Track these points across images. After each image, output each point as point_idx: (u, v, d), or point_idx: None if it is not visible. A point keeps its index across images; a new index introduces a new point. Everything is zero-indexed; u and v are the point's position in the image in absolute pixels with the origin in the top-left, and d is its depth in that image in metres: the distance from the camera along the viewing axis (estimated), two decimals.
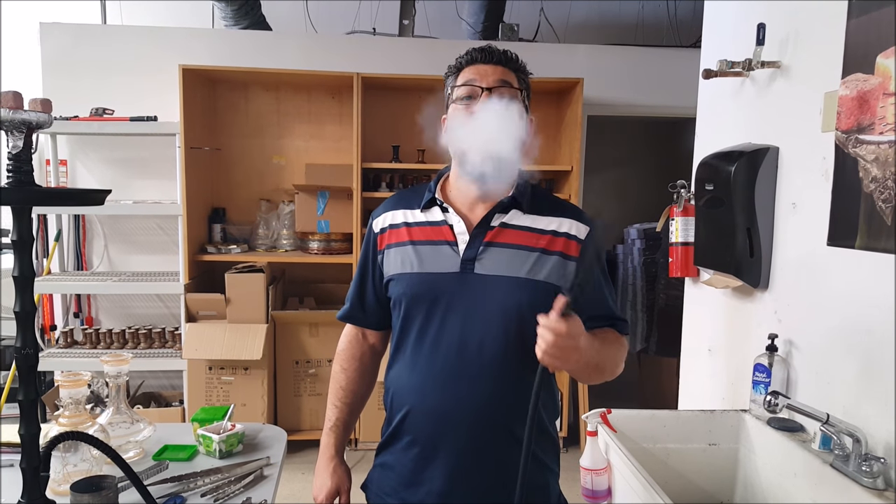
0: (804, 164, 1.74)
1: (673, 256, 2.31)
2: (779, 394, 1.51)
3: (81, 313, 4.20)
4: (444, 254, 1.35)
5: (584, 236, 1.36)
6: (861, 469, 1.39)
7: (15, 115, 0.91)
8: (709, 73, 2.01)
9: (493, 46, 1.41)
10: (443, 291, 1.34)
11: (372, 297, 1.48)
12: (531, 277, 1.31)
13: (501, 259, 1.32)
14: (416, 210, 1.42)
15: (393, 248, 1.42)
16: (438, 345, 1.34)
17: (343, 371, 1.54)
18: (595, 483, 1.73)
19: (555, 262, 1.33)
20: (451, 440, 1.33)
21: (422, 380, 1.36)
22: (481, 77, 1.35)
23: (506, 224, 1.36)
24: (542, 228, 1.36)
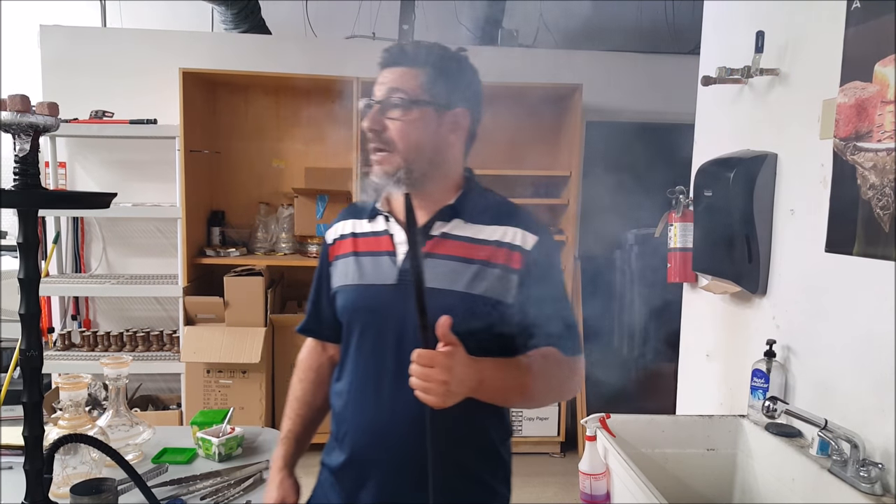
0: (802, 171, 1.75)
1: (671, 262, 2.32)
2: (777, 399, 1.52)
3: (79, 316, 4.20)
4: (384, 265, 1.29)
5: (530, 246, 1.26)
6: (859, 474, 1.39)
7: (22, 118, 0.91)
8: (708, 80, 2.02)
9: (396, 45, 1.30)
10: (380, 304, 1.28)
11: (327, 309, 1.42)
12: (468, 291, 1.22)
13: (439, 271, 1.23)
14: (364, 220, 1.37)
15: (340, 259, 1.37)
16: (374, 361, 1.28)
17: (299, 382, 1.49)
18: (594, 488, 1.74)
19: (496, 275, 1.24)
20: (385, 462, 1.26)
21: (359, 397, 1.30)
22: (377, 86, 1.27)
23: (446, 234, 1.28)
24: (485, 239, 1.26)
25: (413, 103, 1.24)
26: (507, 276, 1.24)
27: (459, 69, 1.31)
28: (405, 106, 1.24)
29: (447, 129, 1.28)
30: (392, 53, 1.28)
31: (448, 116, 1.28)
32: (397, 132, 1.24)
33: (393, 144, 1.25)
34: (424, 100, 1.25)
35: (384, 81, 1.27)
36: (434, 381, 1.06)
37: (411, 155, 1.25)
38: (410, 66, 1.26)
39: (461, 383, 1.09)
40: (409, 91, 1.25)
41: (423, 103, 1.25)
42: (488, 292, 1.23)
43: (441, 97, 1.26)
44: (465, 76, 1.32)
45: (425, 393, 1.07)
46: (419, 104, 1.24)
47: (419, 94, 1.25)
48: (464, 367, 1.09)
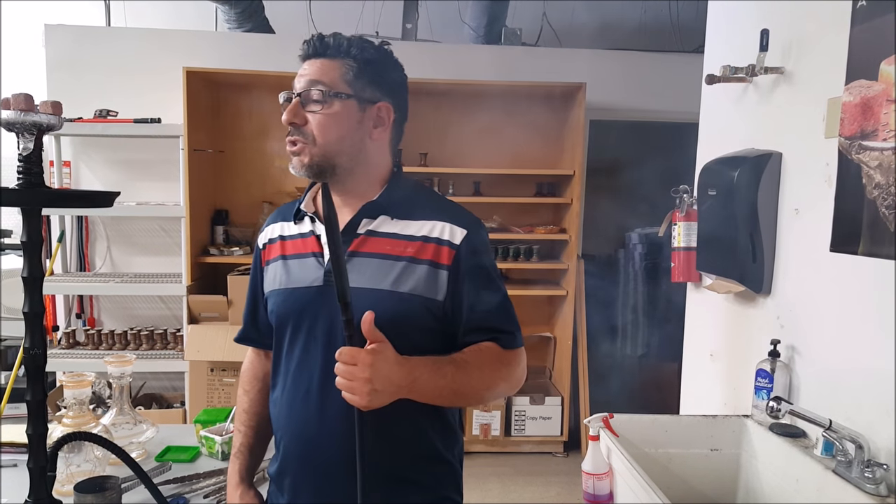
0: (807, 170, 1.74)
1: (675, 261, 2.31)
2: (781, 399, 1.51)
3: (84, 314, 4.21)
4: (310, 266, 1.26)
5: (459, 241, 1.22)
6: (863, 475, 1.39)
7: (26, 117, 0.92)
8: (712, 79, 2.02)
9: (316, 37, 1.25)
10: (306, 307, 1.24)
11: (264, 316, 1.38)
12: (395, 290, 1.19)
13: (365, 270, 1.20)
14: (291, 222, 1.34)
15: (270, 263, 1.34)
16: (304, 366, 1.24)
17: (245, 393, 1.46)
18: (597, 488, 1.73)
19: (423, 271, 1.20)
20: (319, 468, 1.23)
21: (289, 405, 1.26)
22: (298, 78, 1.24)
23: (372, 231, 1.24)
24: (412, 234, 1.23)
25: (334, 96, 1.21)
26: (436, 272, 1.21)
27: (383, 63, 1.27)
28: (325, 100, 1.21)
29: (370, 123, 1.24)
30: (313, 45, 1.24)
31: (371, 111, 1.24)
32: (317, 126, 1.21)
33: (312, 138, 1.21)
34: (346, 93, 1.22)
35: (304, 74, 1.23)
36: (357, 379, 1.03)
37: (332, 149, 1.22)
38: (332, 58, 1.23)
39: (388, 382, 1.06)
40: (330, 84, 1.21)
41: (345, 96, 1.21)
42: (417, 290, 1.19)
43: (363, 91, 1.23)
44: (389, 70, 1.28)
45: (350, 392, 1.04)
46: (340, 97, 1.21)
47: (340, 87, 1.22)
48: (391, 365, 1.06)
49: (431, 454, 1.28)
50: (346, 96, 1.21)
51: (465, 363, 1.18)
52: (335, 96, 1.21)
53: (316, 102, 1.21)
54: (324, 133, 1.21)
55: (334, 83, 1.21)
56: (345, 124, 1.22)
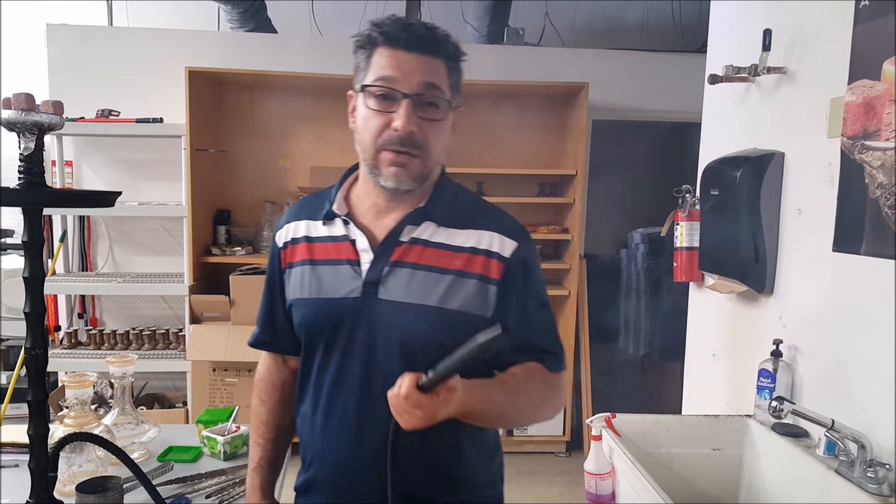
0: (810, 169, 1.74)
1: (677, 261, 2.31)
2: (783, 399, 1.51)
3: (86, 314, 4.21)
4: (344, 275, 1.15)
5: (509, 253, 1.13)
6: (866, 475, 1.38)
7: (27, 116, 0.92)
8: (714, 79, 2.01)
9: (416, 24, 1.11)
10: (343, 320, 1.14)
11: (283, 319, 1.27)
12: (442, 306, 1.10)
13: (409, 283, 1.11)
14: (319, 222, 1.22)
15: (295, 267, 1.22)
16: (340, 383, 1.16)
17: (263, 404, 1.36)
18: (599, 487, 1.73)
19: (473, 287, 1.12)
20: (356, 497, 1.16)
21: (323, 426, 1.18)
22: (402, 75, 1.08)
23: (417, 240, 1.15)
24: (459, 245, 1.14)
25: (448, 103, 1.12)
26: (486, 288, 1.13)
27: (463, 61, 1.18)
28: (443, 107, 1.11)
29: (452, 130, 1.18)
30: (421, 35, 1.09)
31: (455, 116, 1.18)
32: (434, 136, 1.11)
33: (426, 149, 1.11)
34: (451, 99, 1.13)
35: (412, 69, 1.08)
36: (414, 417, 0.96)
37: (436, 160, 1.15)
38: (437, 55, 1.11)
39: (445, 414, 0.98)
40: (444, 88, 1.11)
41: (451, 103, 1.13)
42: (466, 306, 1.11)
43: (455, 95, 1.15)
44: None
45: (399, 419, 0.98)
46: (451, 104, 1.13)
47: (449, 93, 1.12)
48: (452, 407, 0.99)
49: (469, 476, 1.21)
50: (450, 103, 1.13)
51: (516, 389, 1.12)
52: (448, 103, 1.12)
53: (434, 109, 1.10)
54: (438, 144, 1.13)
55: (446, 87, 1.12)
56: (448, 134, 1.15)
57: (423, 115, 1.09)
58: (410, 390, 0.94)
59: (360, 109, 1.14)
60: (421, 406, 0.94)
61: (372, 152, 1.12)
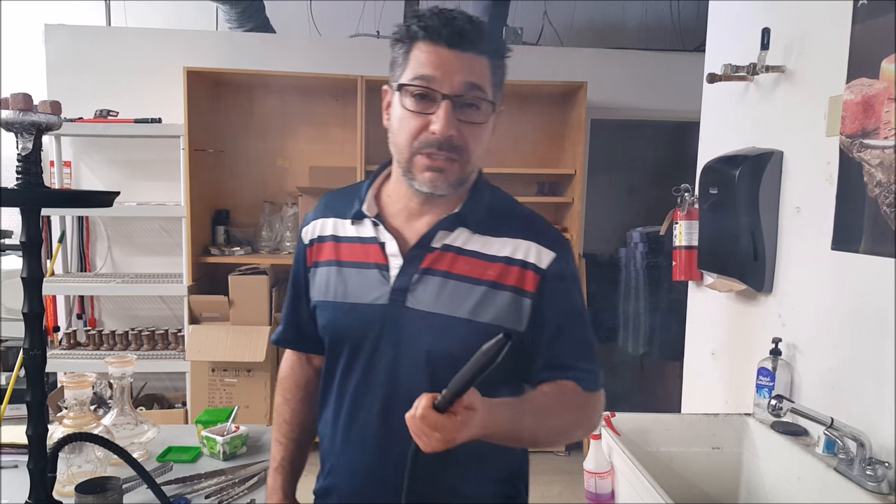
0: (808, 168, 1.74)
1: (676, 260, 2.31)
2: (783, 397, 1.51)
3: (84, 315, 4.21)
4: (372, 280, 1.10)
5: (546, 265, 1.07)
6: (865, 473, 1.39)
7: (25, 116, 0.91)
8: (713, 78, 2.02)
9: (460, 18, 1.02)
10: (368, 327, 1.09)
11: (307, 318, 1.23)
12: (472, 319, 1.05)
13: (439, 292, 1.06)
14: (347, 221, 1.16)
15: (320, 266, 1.17)
16: (363, 392, 1.11)
17: (286, 402, 1.32)
18: (598, 486, 1.73)
19: (506, 299, 1.06)
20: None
21: (345, 433, 1.14)
22: (442, 74, 1.00)
23: (449, 247, 1.09)
24: (494, 255, 1.08)
25: (490, 104, 1.05)
26: (520, 301, 1.07)
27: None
28: (485, 109, 1.04)
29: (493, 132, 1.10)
30: (464, 31, 1.01)
31: (496, 118, 1.10)
32: (474, 140, 1.04)
33: (465, 154, 1.04)
34: (495, 100, 1.06)
35: (453, 68, 1.00)
36: (434, 439, 0.91)
37: (475, 165, 1.08)
38: (478, 52, 1.02)
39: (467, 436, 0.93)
40: (486, 88, 1.03)
41: (493, 106, 1.06)
42: (498, 320, 1.05)
43: (497, 95, 1.07)
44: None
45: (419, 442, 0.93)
46: (493, 106, 1.06)
47: (491, 94, 1.05)
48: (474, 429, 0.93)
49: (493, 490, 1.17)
50: (493, 104, 1.06)
51: (545, 409, 1.05)
52: (491, 105, 1.05)
53: (475, 111, 1.04)
54: (478, 148, 1.06)
55: (488, 87, 1.04)
56: (489, 136, 1.08)
57: (463, 118, 1.03)
58: (426, 411, 0.90)
59: (395, 108, 1.07)
60: (439, 428, 0.89)
61: (407, 155, 1.06)
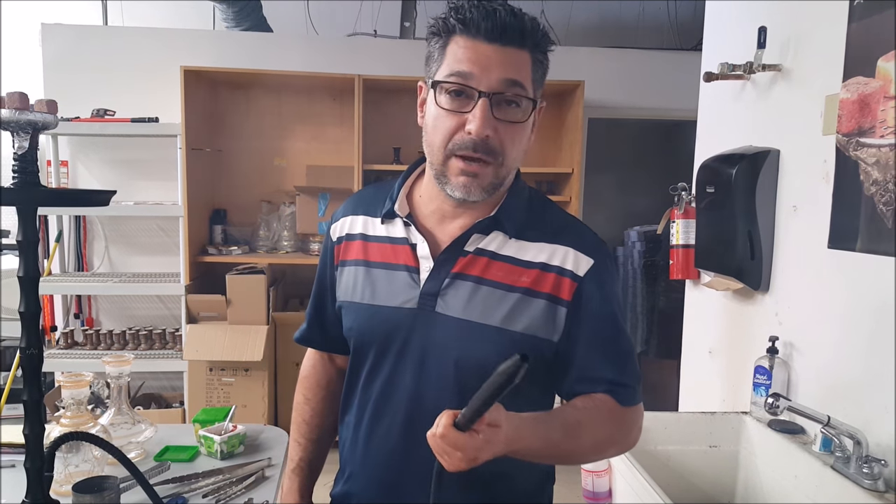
0: (805, 167, 1.74)
1: (673, 259, 2.31)
2: (780, 396, 1.51)
3: (82, 314, 4.20)
4: (401, 283, 1.06)
5: (583, 272, 1.02)
6: (862, 471, 1.39)
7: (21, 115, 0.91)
8: (710, 76, 2.02)
9: (500, 10, 0.95)
10: (396, 331, 1.06)
11: (332, 318, 1.20)
12: (505, 327, 1.00)
13: (471, 298, 1.02)
14: (378, 220, 1.12)
15: (348, 265, 1.13)
16: (388, 399, 1.07)
17: (307, 402, 1.29)
18: (596, 485, 1.74)
19: (541, 307, 1.01)
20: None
21: (366, 439, 1.11)
22: (480, 70, 0.95)
23: (483, 251, 1.04)
24: (530, 260, 1.03)
25: (531, 102, 0.99)
26: (555, 309, 1.02)
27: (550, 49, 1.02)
28: (525, 106, 0.98)
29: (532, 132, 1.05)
30: (505, 23, 0.95)
31: (536, 114, 1.03)
32: (510, 140, 0.99)
33: (500, 156, 0.99)
34: (534, 97, 1.00)
35: (492, 63, 0.95)
36: (455, 458, 0.86)
37: (511, 167, 1.02)
38: (523, 47, 0.97)
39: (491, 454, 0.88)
40: (527, 85, 0.98)
41: (533, 102, 1.00)
42: (531, 329, 1.01)
43: (537, 91, 1.01)
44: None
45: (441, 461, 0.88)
46: (534, 104, 1.00)
47: (532, 90, 0.99)
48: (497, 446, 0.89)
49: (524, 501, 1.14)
50: (534, 102, 1.00)
51: (577, 425, 1.00)
52: (532, 103, 0.99)
53: (515, 109, 0.98)
54: (515, 149, 1.00)
55: (529, 83, 0.98)
56: (528, 136, 1.02)
57: (501, 117, 0.97)
58: (447, 429, 0.85)
59: (430, 106, 1.02)
60: (460, 447, 0.85)
61: (441, 157, 1.01)
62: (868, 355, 1.50)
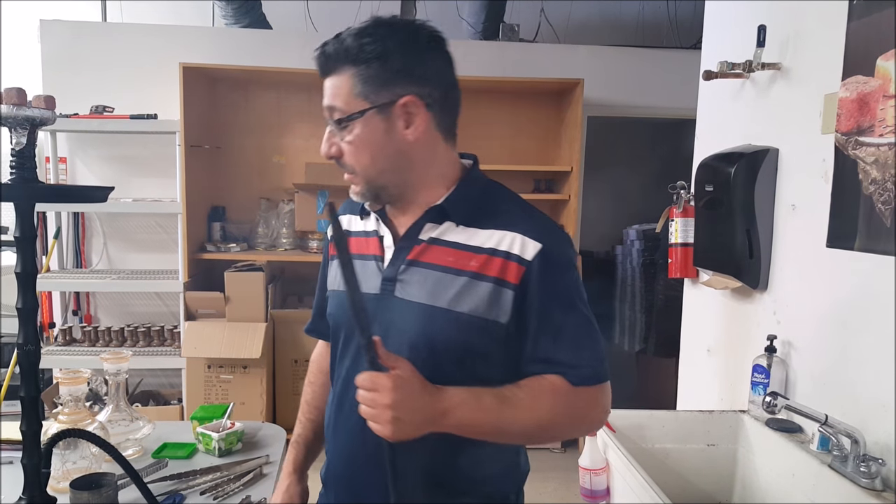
0: (804, 165, 1.74)
1: (672, 257, 2.31)
2: (777, 394, 1.51)
3: (80, 311, 4.20)
4: (370, 271, 1.15)
5: (531, 256, 1.06)
6: (859, 470, 1.39)
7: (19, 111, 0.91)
8: (709, 75, 2.02)
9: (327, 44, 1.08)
10: None
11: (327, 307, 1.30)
12: (452, 308, 1.06)
13: (423, 282, 1.09)
14: (358, 216, 1.23)
15: (334, 259, 1.24)
16: (350, 380, 1.11)
17: (310, 385, 1.41)
18: (594, 483, 1.74)
19: (487, 290, 1.06)
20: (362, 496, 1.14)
21: (335, 418, 1.20)
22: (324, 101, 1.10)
23: (436, 239, 1.11)
24: (479, 246, 1.08)
25: (350, 120, 1.06)
26: (501, 292, 1.06)
27: (396, 50, 1.05)
28: (344, 126, 1.07)
29: (399, 125, 1.07)
30: (320, 59, 1.09)
31: (395, 112, 1.06)
32: (349, 155, 1.09)
33: (354, 168, 1.10)
34: (360, 109, 1.05)
35: (325, 96, 1.10)
36: (378, 406, 0.95)
37: (370, 174, 1.10)
38: (339, 72, 1.07)
39: (413, 411, 0.96)
40: (344, 105, 1.07)
41: (358, 115, 1.06)
42: (477, 311, 1.06)
43: (379, 94, 1.05)
44: (407, 54, 1.06)
45: (373, 421, 0.96)
46: (355, 118, 1.06)
47: (354, 105, 1.06)
48: (416, 392, 0.97)
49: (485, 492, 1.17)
50: (359, 114, 1.06)
51: (513, 397, 1.04)
52: (351, 119, 1.06)
53: (340, 130, 1.08)
54: (357, 161, 1.09)
55: (347, 103, 1.06)
56: (370, 143, 1.07)
57: (340, 138, 1.09)
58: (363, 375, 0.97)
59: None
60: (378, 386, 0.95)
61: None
62: (866, 354, 1.50)
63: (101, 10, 4.45)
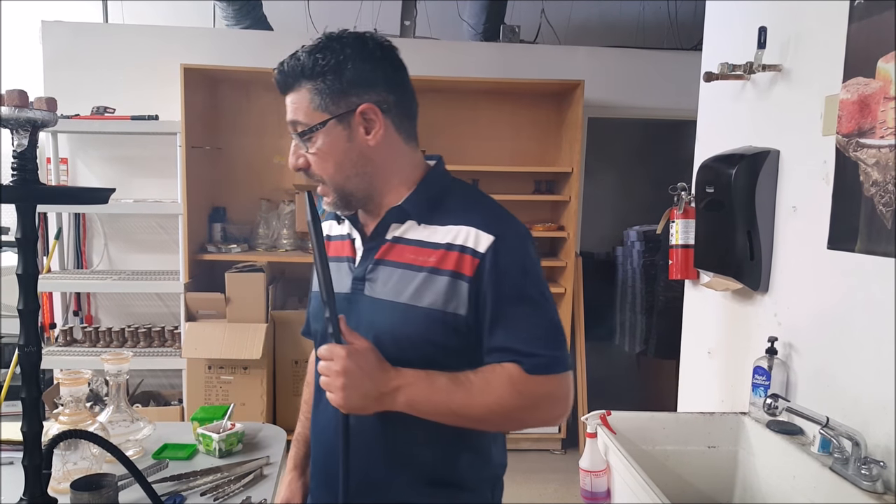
0: (805, 167, 1.74)
1: (673, 259, 2.31)
2: (778, 396, 1.51)
3: (81, 312, 4.20)
4: (342, 272, 1.21)
5: (484, 248, 1.09)
6: (860, 472, 1.39)
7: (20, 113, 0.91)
8: (710, 76, 2.02)
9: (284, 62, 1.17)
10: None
11: None
12: (413, 303, 1.10)
13: (387, 280, 1.14)
14: (335, 222, 1.30)
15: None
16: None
17: (307, 385, 1.44)
18: (594, 485, 1.74)
19: (444, 284, 1.10)
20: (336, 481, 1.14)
21: (314, 409, 1.27)
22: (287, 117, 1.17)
23: (398, 238, 1.16)
24: (437, 242, 1.12)
25: (311, 132, 1.12)
26: (457, 284, 1.10)
27: (347, 62, 1.11)
28: (307, 138, 1.13)
29: (359, 132, 1.13)
30: (279, 78, 1.17)
31: (354, 120, 1.12)
32: (315, 166, 1.15)
33: (322, 177, 1.16)
34: (320, 121, 1.12)
35: (287, 112, 1.16)
36: (331, 373, 1.03)
37: (338, 182, 1.15)
38: (296, 89, 1.15)
39: (363, 381, 1.03)
40: (305, 119, 1.13)
41: (319, 126, 1.12)
42: (436, 304, 1.10)
43: (337, 105, 1.11)
44: (358, 64, 1.12)
45: (327, 389, 1.05)
46: (316, 129, 1.12)
47: (313, 118, 1.12)
48: (368, 364, 1.04)
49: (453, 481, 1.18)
50: (320, 125, 1.12)
51: (466, 381, 1.08)
52: (313, 131, 1.12)
53: (304, 143, 1.15)
54: (323, 169, 1.15)
55: (308, 116, 1.13)
56: (334, 152, 1.13)
57: (305, 150, 1.15)
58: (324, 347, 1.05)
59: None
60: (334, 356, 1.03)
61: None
62: (867, 356, 1.50)
63: (103, 11, 4.45)
